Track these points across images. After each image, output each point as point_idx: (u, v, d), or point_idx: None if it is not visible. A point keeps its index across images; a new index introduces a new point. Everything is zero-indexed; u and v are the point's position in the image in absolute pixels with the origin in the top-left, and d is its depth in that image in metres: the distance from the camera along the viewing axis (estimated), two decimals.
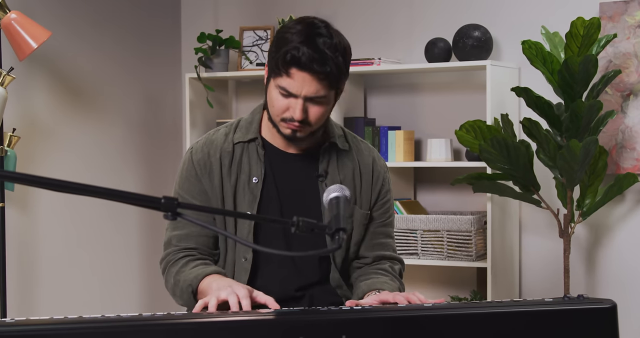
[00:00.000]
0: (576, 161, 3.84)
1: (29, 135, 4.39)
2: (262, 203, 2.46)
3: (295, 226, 1.74)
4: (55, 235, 4.57)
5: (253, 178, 2.47)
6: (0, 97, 3.93)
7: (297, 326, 1.90)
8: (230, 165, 2.48)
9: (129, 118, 5.05)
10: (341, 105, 4.68)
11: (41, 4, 4.48)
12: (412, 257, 4.49)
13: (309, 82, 2.32)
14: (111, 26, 4.94)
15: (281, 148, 2.52)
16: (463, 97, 4.71)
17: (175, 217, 1.64)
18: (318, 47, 2.31)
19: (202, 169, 2.49)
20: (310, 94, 2.34)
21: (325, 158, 2.52)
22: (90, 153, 4.79)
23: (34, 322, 1.83)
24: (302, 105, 2.34)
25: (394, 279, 2.54)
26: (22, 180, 1.55)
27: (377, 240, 2.60)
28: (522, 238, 4.61)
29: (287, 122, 2.38)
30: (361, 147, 2.60)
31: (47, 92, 4.54)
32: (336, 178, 2.51)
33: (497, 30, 4.59)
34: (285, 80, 2.33)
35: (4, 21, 3.99)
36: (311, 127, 2.40)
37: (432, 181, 4.82)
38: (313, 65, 2.30)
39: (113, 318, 1.91)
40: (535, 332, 2.03)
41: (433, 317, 2.01)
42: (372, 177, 2.58)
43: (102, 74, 4.87)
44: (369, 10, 4.92)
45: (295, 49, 2.30)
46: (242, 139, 2.50)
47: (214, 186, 2.47)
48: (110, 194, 1.64)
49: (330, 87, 2.36)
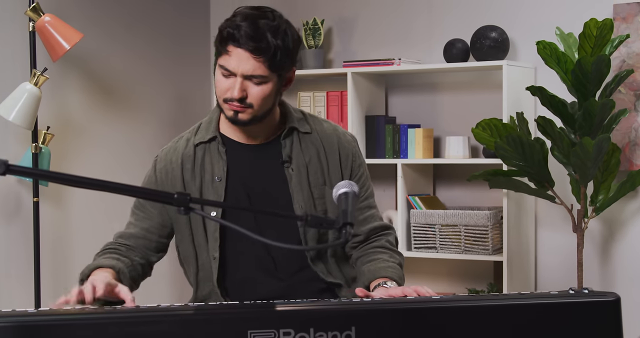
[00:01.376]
0: (589, 158, 3.81)
1: (63, 133, 4.41)
2: (228, 199, 2.42)
3: (304, 221, 1.74)
4: (88, 229, 4.59)
5: (215, 177, 2.43)
6: (34, 96, 3.96)
7: (307, 317, 1.90)
8: (192, 169, 2.46)
9: (160, 116, 5.07)
10: (362, 104, 4.68)
11: (75, 7, 4.51)
12: (430, 250, 4.48)
13: (246, 59, 2.27)
14: (143, 27, 4.96)
15: (242, 141, 2.47)
16: (480, 96, 4.69)
17: (188, 212, 1.65)
18: (257, 26, 2.27)
19: (164, 176, 2.49)
20: (247, 71, 2.28)
21: (288, 143, 2.46)
22: (122, 149, 4.81)
23: (52, 313, 1.85)
24: (240, 83, 2.29)
25: (393, 255, 2.48)
26: (36, 176, 1.56)
27: (362, 215, 2.53)
28: (537, 233, 4.58)
29: (229, 102, 2.33)
30: (324, 127, 2.53)
31: (80, 91, 4.56)
32: (301, 161, 2.46)
33: (514, 31, 4.56)
34: (224, 58, 2.30)
35: (38, 24, 4.02)
36: (253, 109, 2.33)
37: (450, 177, 4.80)
38: (249, 42, 2.25)
39: (131, 309, 1.92)
40: (541, 324, 2.01)
41: (441, 309, 2.00)
42: (340, 154, 2.50)
43: (133, 73, 4.89)
44: (390, 13, 4.91)
45: (234, 26, 2.27)
46: (202, 140, 2.48)
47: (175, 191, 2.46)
48: (127, 190, 1.65)
49: (269, 68, 2.29)
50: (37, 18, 4.02)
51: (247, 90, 2.31)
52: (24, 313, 1.82)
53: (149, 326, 1.82)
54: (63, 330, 1.78)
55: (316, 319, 1.89)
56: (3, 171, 1.56)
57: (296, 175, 2.45)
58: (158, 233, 2.51)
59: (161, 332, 1.81)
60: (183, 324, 1.83)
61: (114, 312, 1.85)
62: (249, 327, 1.84)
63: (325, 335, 1.88)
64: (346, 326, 1.89)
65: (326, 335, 1.88)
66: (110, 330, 1.80)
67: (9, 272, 4.17)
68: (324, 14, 5.00)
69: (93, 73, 4.64)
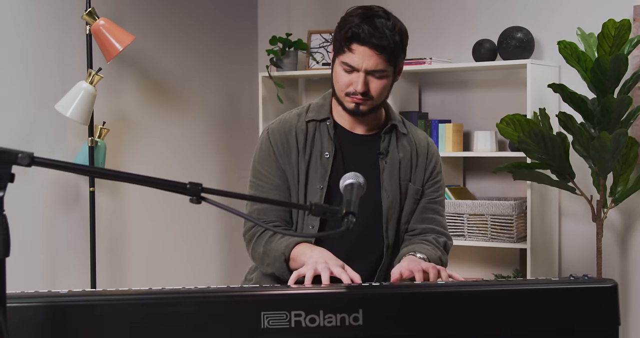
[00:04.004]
0: (607, 151, 3.76)
1: (118, 128, 4.45)
2: (332, 176, 2.46)
3: (309, 210, 1.73)
4: (141, 217, 4.63)
5: (325, 153, 2.48)
6: (90, 94, 4.00)
7: (317, 300, 1.90)
8: (305, 142, 2.50)
9: (209, 111, 5.10)
10: (397, 100, 4.66)
11: (128, 10, 4.54)
12: (459, 238, 4.45)
13: (369, 55, 2.34)
14: (193, 28, 4.99)
15: (348, 129, 2.54)
16: (507, 93, 4.65)
17: (200, 201, 1.65)
18: (376, 25, 2.35)
19: (280, 147, 2.50)
20: (370, 67, 2.36)
21: (387, 138, 2.54)
22: (174, 142, 4.84)
23: (80, 294, 1.87)
24: (363, 78, 2.37)
25: (435, 248, 2.49)
26: (59, 168, 1.57)
27: (426, 214, 2.58)
28: (561, 222, 4.53)
29: (351, 96, 2.41)
30: (417, 133, 2.63)
31: (133, 88, 4.60)
32: (395, 156, 2.53)
33: (539, 31, 4.51)
34: (347, 56, 2.36)
35: (94, 27, 4.06)
36: (373, 100, 2.42)
37: (479, 169, 4.76)
38: (372, 40, 2.32)
39: (155, 291, 1.93)
40: (541, 308, 2.00)
41: (445, 293, 1.99)
42: (427, 158, 2.58)
43: (184, 71, 4.92)
44: (423, 15, 4.88)
45: (356, 26, 2.34)
46: (315, 118, 2.53)
47: (291, 162, 2.49)
48: (142, 180, 1.66)
49: (388, 62, 2.38)
50: (92, 22, 4.06)
51: (368, 84, 2.39)
52: (56, 293, 1.85)
53: (169, 307, 1.84)
54: (89, 309, 1.80)
55: (325, 302, 1.89)
56: (28, 163, 1.57)
57: (389, 167, 2.52)
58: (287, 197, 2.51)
59: (180, 312, 1.83)
60: (201, 306, 1.85)
61: (137, 293, 1.87)
62: (262, 309, 1.85)
63: (334, 317, 1.88)
64: (354, 309, 1.89)
65: (335, 317, 1.88)
66: (132, 310, 1.82)
67: (68, 256, 4.23)
68: None
69: (146, 71, 4.68)
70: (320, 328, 1.86)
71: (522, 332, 1.98)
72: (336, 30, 2.41)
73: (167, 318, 1.82)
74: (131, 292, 1.89)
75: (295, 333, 1.85)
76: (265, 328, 1.84)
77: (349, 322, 1.87)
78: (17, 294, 1.80)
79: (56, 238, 4.18)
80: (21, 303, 1.75)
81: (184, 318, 1.82)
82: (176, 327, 1.82)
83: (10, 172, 1.57)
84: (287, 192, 2.49)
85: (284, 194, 2.48)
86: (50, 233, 4.16)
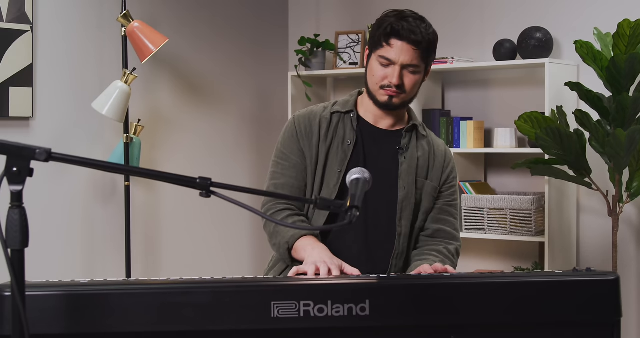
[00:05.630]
0: (622, 148, 3.71)
1: (152, 125, 4.48)
2: (351, 162, 2.50)
3: (314, 204, 1.73)
4: (175, 210, 4.66)
5: (347, 140, 2.52)
6: (124, 93, 4.03)
7: (326, 291, 1.90)
8: (327, 129, 2.54)
9: (241, 109, 5.11)
10: (421, 99, 4.64)
11: (164, 12, 4.57)
12: (479, 231, 4.43)
13: (406, 50, 2.40)
14: (227, 30, 5.00)
15: (372, 123, 2.57)
16: (526, 91, 4.61)
17: (209, 195, 1.66)
18: (412, 24, 2.42)
19: (303, 130, 2.55)
20: (407, 61, 2.41)
21: (407, 136, 2.57)
22: (207, 139, 4.86)
23: (99, 283, 1.88)
24: (399, 71, 2.42)
25: (444, 260, 2.49)
26: (76, 163, 1.59)
27: (441, 215, 2.59)
28: (579, 217, 4.48)
29: (385, 88, 2.45)
30: (436, 139, 2.67)
31: (167, 87, 4.63)
32: (414, 154, 2.55)
33: (557, 31, 4.47)
34: (385, 50, 2.42)
35: (129, 29, 4.08)
36: (405, 94, 2.47)
37: (500, 165, 4.73)
38: (410, 36, 2.40)
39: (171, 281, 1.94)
40: (544, 300, 1.98)
41: (450, 285, 1.98)
42: (444, 161, 2.61)
43: (217, 71, 4.94)
44: (447, 17, 4.86)
45: (395, 23, 2.41)
46: (340, 110, 2.57)
47: (311, 145, 2.52)
48: (155, 175, 1.67)
49: (422, 59, 2.43)
50: (127, 24, 4.09)
51: (403, 78, 2.44)
52: (76, 283, 1.86)
53: (184, 296, 1.85)
54: (106, 298, 1.82)
55: (334, 292, 1.89)
56: (45, 158, 1.59)
57: (407, 162, 2.54)
58: (304, 177, 2.55)
59: (194, 301, 1.84)
60: (214, 295, 1.86)
61: (153, 283, 1.88)
62: (272, 299, 1.86)
63: (342, 307, 1.88)
64: (361, 299, 1.89)
65: (342, 307, 1.88)
66: (149, 299, 1.83)
67: (106, 247, 4.27)
68: None
69: (179, 71, 4.70)
70: (328, 318, 1.86)
71: (525, 323, 1.97)
72: (374, 27, 2.48)
73: (182, 307, 1.83)
74: (148, 281, 1.91)
75: (304, 322, 1.85)
76: (275, 317, 1.85)
77: (356, 312, 1.87)
78: (39, 283, 1.82)
79: (94, 230, 4.22)
80: (41, 291, 1.77)
81: (198, 307, 1.83)
82: (190, 316, 1.83)
83: (29, 167, 1.59)
84: (304, 173, 2.53)
85: (300, 174, 2.53)
86: (89, 225, 4.20)
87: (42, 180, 3.98)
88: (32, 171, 1.60)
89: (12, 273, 1.55)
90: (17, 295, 1.54)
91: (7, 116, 3.82)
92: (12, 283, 1.53)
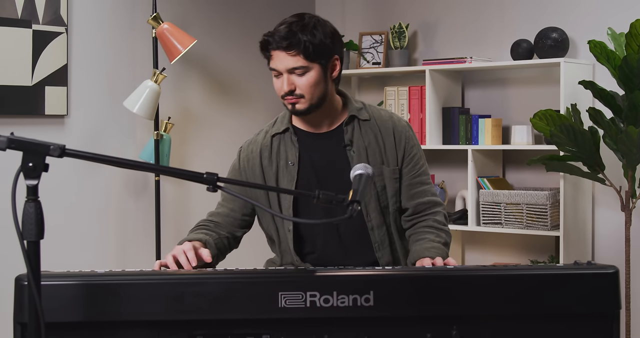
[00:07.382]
0: (634, 144, 3.67)
1: (182, 122, 4.51)
2: (300, 180, 2.46)
3: (316, 198, 1.73)
4: (203, 204, 4.65)
5: (289, 162, 2.47)
6: (154, 91, 4.05)
7: (331, 282, 1.90)
8: (270, 156, 2.50)
9: (268, 107, 5.10)
10: (440, 97, 4.63)
11: (194, 13, 4.59)
12: (496, 226, 4.40)
13: (283, 57, 2.34)
14: (255, 31, 4.95)
15: (310, 130, 2.50)
16: (543, 90, 4.57)
17: (216, 190, 1.67)
18: (289, 28, 2.35)
19: (246, 164, 2.54)
20: (289, 66, 2.34)
21: (349, 130, 2.48)
22: (235, 135, 4.85)
23: (114, 274, 1.89)
24: (287, 78, 2.35)
25: (439, 234, 2.45)
26: (88, 158, 1.60)
27: (413, 190, 2.51)
28: (594, 211, 4.43)
29: (285, 98, 2.38)
30: (381, 114, 2.53)
31: (197, 86, 4.65)
32: (361, 144, 2.46)
33: (573, 31, 4.42)
34: (271, 62, 2.39)
35: (158, 30, 4.11)
36: (305, 98, 2.37)
37: (517, 161, 4.69)
38: (282, 42, 2.33)
39: (184, 271, 1.95)
40: (546, 292, 1.96)
41: (452, 277, 1.97)
42: (394, 137, 2.50)
43: (245, 70, 4.94)
44: (466, 19, 4.83)
45: (268, 34, 2.38)
46: (278, 131, 2.52)
47: (255, 176, 2.50)
48: (164, 171, 1.67)
49: (306, 59, 2.34)
50: (157, 25, 4.11)
51: (294, 82, 2.36)
52: (93, 273, 1.88)
53: (195, 287, 1.86)
54: (121, 288, 1.83)
55: (339, 283, 1.90)
56: (59, 154, 1.60)
57: (357, 156, 2.46)
58: (242, 211, 2.55)
59: (205, 292, 1.85)
60: (223, 286, 1.87)
61: (165, 274, 1.90)
62: (280, 290, 1.87)
63: (347, 297, 1.88)
64: (365, 290, 1.89)
65: (347, 297, 1.88)
66: (161, 290, 1.85)
67: (137, 240, 4.30)
68: (409, 19, 4.95)
69: (208, 70, 4.72)
70: (334, 308, 1.87)
71: (526, 314, 1.95)
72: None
73: (194, 297, 1.84)
74: (162, 272, 1.92)
75: (310, 312, 1.86)
76: (282, 307, 1.85)
77: (360, 302, 1.87)
78: (57, 273, 1.84)
79: (127, 223, 4.26)
80: (58, 281, 1.79)
81: (209, 297, 1.84)
82: (202, 305, 1.84)
83: (44, 162, 1.61)
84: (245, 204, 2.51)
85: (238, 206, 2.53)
86: (122, 219, 4.24)
87: (77, 176, 4.04)
88: (47, 166, 1.61)
89: (28, 264, 1.57)
90: (32, 285, 1.56)
91: (43, 114, 3.86)
92: (28, 273, 1.55)
